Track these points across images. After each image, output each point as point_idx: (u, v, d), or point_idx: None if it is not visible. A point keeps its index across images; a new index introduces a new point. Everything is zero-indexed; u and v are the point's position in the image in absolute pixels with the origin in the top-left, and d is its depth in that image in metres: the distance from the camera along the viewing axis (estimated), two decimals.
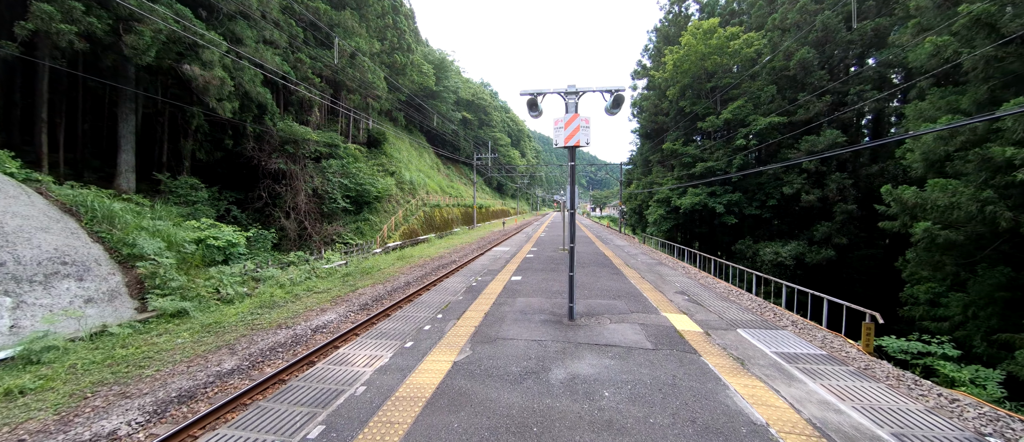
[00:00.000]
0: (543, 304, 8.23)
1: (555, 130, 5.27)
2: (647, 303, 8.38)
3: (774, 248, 21.41)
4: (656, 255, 17.48)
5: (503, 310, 7.78)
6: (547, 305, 8.14)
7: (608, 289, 9.87)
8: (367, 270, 18.18)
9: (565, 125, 5.11)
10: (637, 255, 16.34)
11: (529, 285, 10.18)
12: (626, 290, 9.78)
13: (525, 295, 9.14)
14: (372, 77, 30.18)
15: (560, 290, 9.61)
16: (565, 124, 5.11)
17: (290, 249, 23.86)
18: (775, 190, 22.20)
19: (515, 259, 14.58)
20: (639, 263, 14.28)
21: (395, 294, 13.28)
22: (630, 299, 8.74)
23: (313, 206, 24.63)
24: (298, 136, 23.06)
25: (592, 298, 8.85)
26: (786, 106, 22.21)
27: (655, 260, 15.15)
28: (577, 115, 5.14)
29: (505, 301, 8.53)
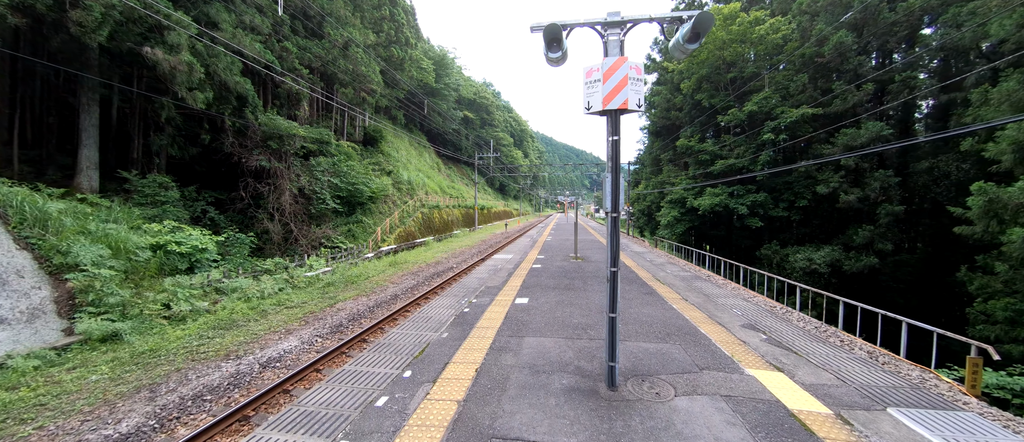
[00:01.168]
0: (563, 351, 5.87)
1: (587, 86, 3.30)
2: (714, 349, 6.04)
3: (806, 254, 19.28)
4: (684, 264, 15.35)
5: (504, 364, 5.44)
6: (569, 354, 5.76)
7: (649, 320, 7.47)
8: (353, 279, 16.21)
9: (604, 76, 3.12)
10: (664, 265, 14.24)
11: (539, 313, 7.91)
12: (674, 323, 7.42)
13: (535, 332, 6.82)
14: (366, 70, 28.29)
15: (584, 323, 7.22)
16: (604, 74, 3.12)
17: (274, 253, 22.00)
18: (805, 190, 20.10)
19: (519, 271, 12.44)
20: (670, 276, 12.15)
21: (377, 311, 11.29)
22: (687, 341, 6.40)
23: (300, 207, 22.72)
24: (282, 131, 21.15)
25: (632, 339, 6.51)
26: (818, 97, 20.10)
27: (688, 272, 13.02)
28: (623, 59, 3.15)
29: (507, 343, 6.25)
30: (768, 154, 20.32)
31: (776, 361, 5.66)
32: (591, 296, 9.26)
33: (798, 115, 19.01)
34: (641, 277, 11.95)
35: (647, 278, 11.89)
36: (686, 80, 28.14)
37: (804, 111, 18.90)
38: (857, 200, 17.77)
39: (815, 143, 19.76)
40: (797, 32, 20.53)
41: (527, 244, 22.04)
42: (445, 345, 6.26)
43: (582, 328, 7.10)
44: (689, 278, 11.84)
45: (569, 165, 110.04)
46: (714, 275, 12.37)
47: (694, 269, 13.54)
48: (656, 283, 11.17)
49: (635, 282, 11.05)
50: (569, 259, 15.07)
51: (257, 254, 21.88)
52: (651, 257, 16.27)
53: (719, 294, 9.71)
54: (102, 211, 14.26)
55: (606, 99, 3.31)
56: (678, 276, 12.12)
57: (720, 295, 9.60)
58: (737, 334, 6.83)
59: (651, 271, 13.00)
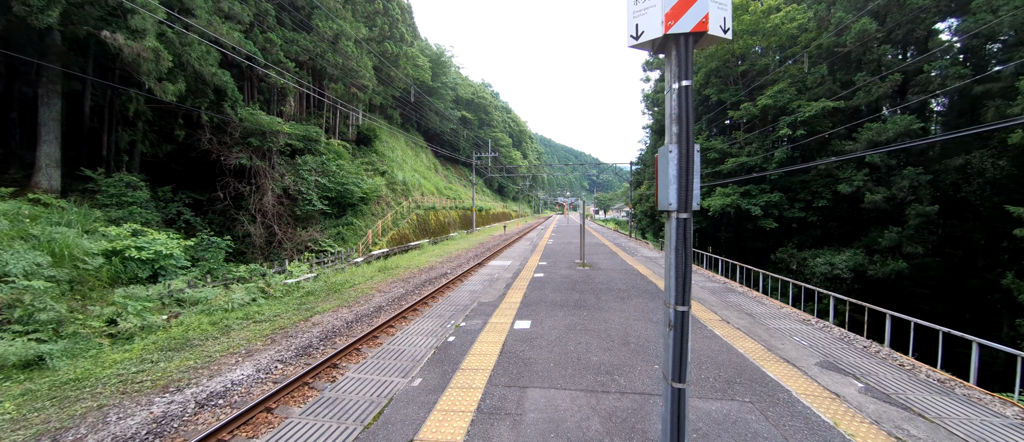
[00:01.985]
0: (585, 418, 4.06)
1: (634, 2, 2.01)
2: (802, 409, 4.30)
3: (827, 258, 17.94)
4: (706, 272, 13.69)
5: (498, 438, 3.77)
6: (595, 424, 3.93)
7: (696, 358, 5.73)
8: (336, 287, 14.80)
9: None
10: None
11: (546, 344, 6.10)
12: (729, 361, 5.60)
13: (542, 377, 5.01)
14: (357, 65, 26.92)
15: (609, 364, 5.34)
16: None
17: (256, 258, 20.59)
18: (824, 189, 18.79)
19: (519, 281, 10.76)
20: (696, 289, 10.46)
21: (355, 327, 9.88)
22: (757, 393, 4.65)
23: (284, 209, 21.31)
24: (265, 127, 19.76)
25: None
26: (838, 90, 18.81)
27: (715, 283, 11.36)
28: None
29: (502, 400, 4.47)
30: (784, 151, 19.00)
31: (903, 434, 3.97)
32: (610, 317, 7.57)
33: (818, 109, 17.68)
34: (658, 285, 10.36)
35: (663, 285, 10.28)
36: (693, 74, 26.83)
37: (824, 104, 17.58)
38: (883, 200, 16.45)
39: (834, 139, 18.48)
40: (814, 21, 19.28)
41: (527, 248, 20.64)
42: (414, 403, 4.47)
43: (607, 372, 5.21)
44: (720, 291, 10.32)
45: (568, 165, 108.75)
46: (748, 288, 10.79)
47: (721, 280, 12.05)
48: None
49: (658, 297, 9.34)
50: (575, 266, 13.49)
51: (238, 259, 20.47)
52: (662, 262, 14.71)
53: (765, 314, 8.19)
54: (54, 213, 12.84)
55: (671, 16, 1.97)
56: (705, 288, 10.54)
57: (766, 315, 8.09)
58: (819, 379, 5.14)
59: None
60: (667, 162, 2.06)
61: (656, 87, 36.94)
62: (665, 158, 2.09)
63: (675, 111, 2.06)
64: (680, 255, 2.07)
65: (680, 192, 2.02)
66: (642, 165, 47.75)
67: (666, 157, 2.08)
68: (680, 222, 2.07)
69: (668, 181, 2.04)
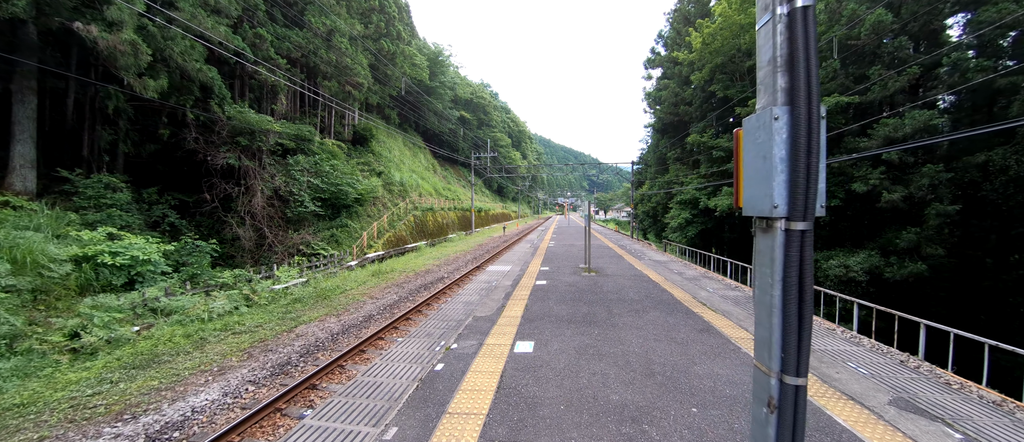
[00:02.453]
0: None
1: None
2: None
3: (840, 260, 17.16)
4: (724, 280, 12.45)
5: None
6: None
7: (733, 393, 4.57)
8: (326, 293, 14.01)
9: None
10: (699, 279, 11.29)
11: (553, 376, 5.06)
12: None
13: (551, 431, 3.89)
14: (352, 62, 26.15)
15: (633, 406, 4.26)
16: None
17: (246, 262, 19.82)
18: (837, 188, 18.03)
19: (519, 290, 9.85)
20: (717, 298, 9.20)
21: (341, 340, 9.09)
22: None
23: (274, 210, 20.51)
24: (253, 126, 18.97)
25: None
26: (850, 85, 18.06)
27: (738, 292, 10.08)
28: None
29: None
30: None
31: None
32: (626, 336, 6.42)
33: (831, 104, 16.92)
34: (680, 300, 9.09)
35: (689, 302, 8.96)
36: (697, 71, 26.09)
37: (838, 100, 16.82)
38: (901, 199, 15.70)
39: (847, 136, 17.74)
40: (825, 13, 18.55)
41: (527, 251, 19.81)
42: None
43: (633, 419, 4.06)
44: (742, 300, 9.15)
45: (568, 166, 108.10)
46: None
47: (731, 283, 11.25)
48: (704, 309, 8.24)
49: (676, 309, 8.26)
50: (580, 272, 12.49)
51: (227, 263, 19.70)
52: (678, 268, 13.57)
53: None
54: (24, 216, 12.03)
55: None
56: (728, 298, 9.36)
57: None
58: (901, 426, 3.98)
59: (688, 289, 10.04)
60: (769, 136, 1.27)
61: (658, 85, 36.18)
62: (763, 130, 1.30)
63: (784, 52, 1.26)
64: (790, 292, 1.24)
65: (794, 185, 1.21)
66: (643, 165, 47.00)
67: (766, 128, 1.29)
68: (792, 238, 1.24)
69: (770, 167, 1.25)
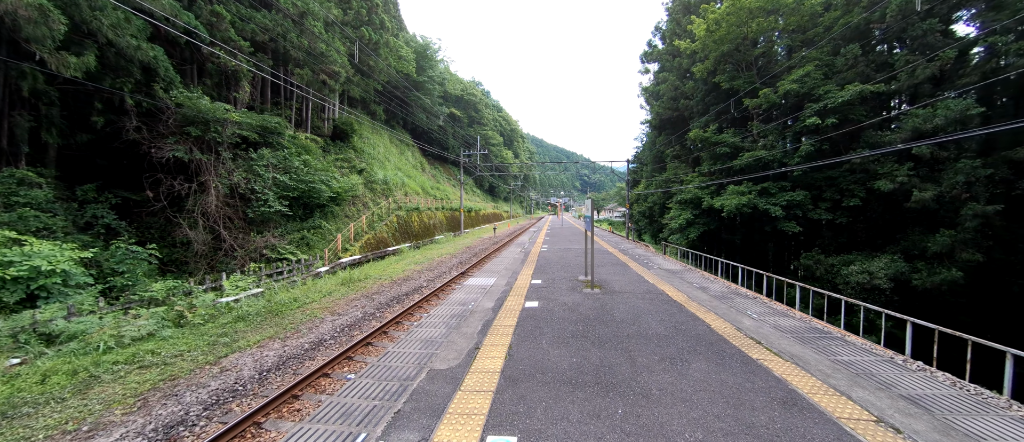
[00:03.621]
0: None
1: None
2: None
3: (862, 265, 15.54)
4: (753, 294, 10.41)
5: None
6: None
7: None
8: (280, 308, 11.93)
9: None
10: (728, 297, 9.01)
11: None
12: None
13: None
14: (327, 49, 23.94)
15: None
16: None
17: (199, 269, 17.60)
18: (856, 186, 16.43)
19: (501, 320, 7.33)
20: (778, 337, 6.57)
21: (271, 379, 7.05)
22: None
23: (233, 210, 18.29)
24: (207, 114, 16.75)
25: None
26: (871, 73, 16.44)
27: (802, 323, 7.48)
28: None
29: None
30: (810, 143, 16.59)
31: None
32: (670, 421, 4.04)
33: (854, 93, 15.25)
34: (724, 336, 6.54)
35: (738, 339, 6.40)
36: (699, 63, 24.39)
37: (862, 89, 15.15)
38: (932, 199, 14.11)
39: (868, 130, 16.15)
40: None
41: (517, 256, 17.77)
42: None
43: None
44: (804, 332, 6.84)
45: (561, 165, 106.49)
46: (831, 326, 7.58)
47: (797, 315, 9.05)
48: (767, 355, 5.76)
49: (727, 355, 5.74)
50: (580, 288, 9.86)
51: (179, 270, 17.48)
52: (696, 279, 11.01)
53: (879, 366, 5.49)
54: None
55: None
56: (786, 331, 6.90)
57: (882, 368, 5.40)
58: None
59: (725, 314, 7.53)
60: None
61: (656, 79, 34.52)
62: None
63: None
64: None
65: None
66: (639, 163, 45.41)
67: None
68: None
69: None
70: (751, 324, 7.17)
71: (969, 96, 17.08)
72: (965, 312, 16.96)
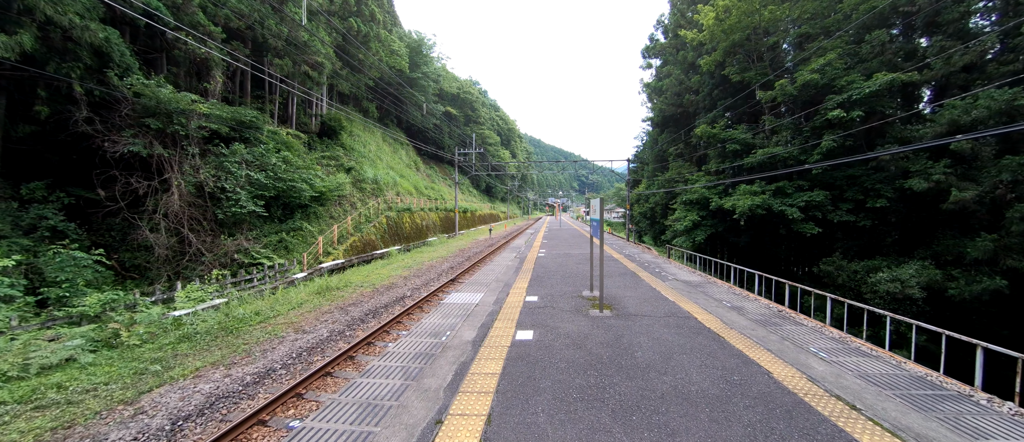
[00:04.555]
0: None
1: None
2: None
3: (892, 272, 14.11)
4: (810, 324, 8.90)
5: None
6: None
7: None
8: (237, 323, 10.39)
9: None
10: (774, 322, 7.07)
11: None
12: None
13: None
14: (309, 38, 22.36)
15: None
16: None
17: (161, 275, 16.04)
18: (883, 185, 15.03)
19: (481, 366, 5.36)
20: (888, 402, 4.34)
21: (185, 434, 5.49)
22: None
23: (200, 211, 16.69)
24: (170, 105, 15.16)
25: None
26: (900, 62, 15.03)
27: (901, 370, 5.39)
28: None
29: None
30: (832, 139, 15.17)
31: None
32: None
33: (884, 82, 13.81)
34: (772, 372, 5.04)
35: (796, 383, 4.80)
36: (707, 55, 22.95)
37: (893, 78, 13.71)
38: (974, 199, 12.70)
39: (894, 124, 14.76)
40: None
41: (511, 263, 16.03)
42: None
43: None
44: (909, 387, 4.86)
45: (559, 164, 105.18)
46: (947, 379, 5.35)
47: (885, 356, 7.43)
48: (832, 405, 4.36)
49: (792, 413, 4.16)
50: (585, 307, 7.88)
51: (141, 276, 15.91)
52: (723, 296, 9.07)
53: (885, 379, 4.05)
54: None
55: None
56: (864, 376, 5.09)
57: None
58: None
59: (784, 353, 5.61)
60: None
61: (658, 74, 33.09)
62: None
63: None
64: None
65: None
66: (639, 163, 43.99)
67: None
68: None
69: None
70: (826, 371, 5.13)
71: None
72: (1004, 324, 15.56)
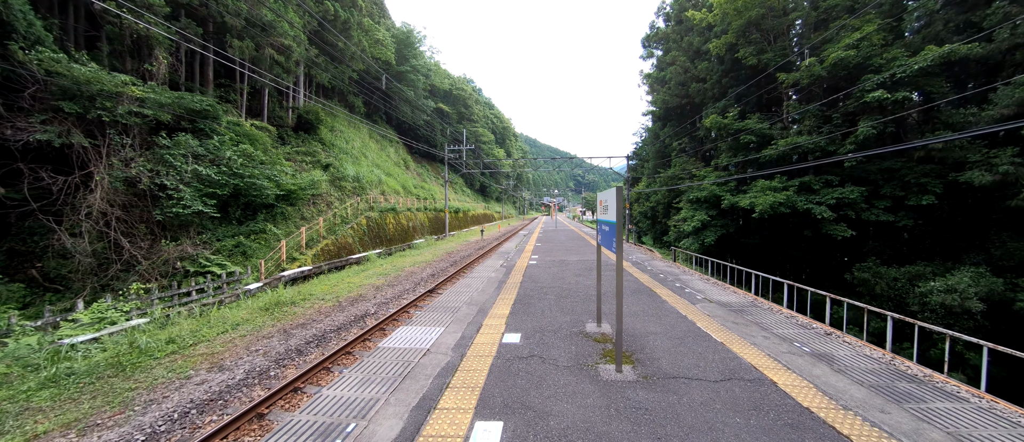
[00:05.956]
0: None
1: None
2: None
3: (945, 281, 11.98)
4: (932, 378, 7.42)
5: None
6: None
7: None
8: (137, 357, 8.09)
9: None
10: (908, 390, 4.42)
11: None
12: None
13: None
14: (274, 18, 19.96)
15: None
16: None
17: (85, 287, 13.64)
18: (930, 178, 12.94)
19: None
20: None
21: None
22: None
23: (135, 212, 14.29)
24: (91, 85, 12.74)
25: None
26: (950, 37, 12.93)
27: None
28: None
29: None
30: (871, 124, 13.03)
31: None
32: None
33: (937, 56, 11.64)
34: None
35: None
36: (716, 38, 20.78)
37: (950, 50, 11.54)
38: None
39: (943, 108, 12.68)
40: None
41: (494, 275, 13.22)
42: None
43: None
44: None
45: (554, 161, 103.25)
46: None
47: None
48: None
49: None
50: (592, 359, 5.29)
51: (62, 288, 13.52)
52: (790, 332, 6.53)
53: None
54: None
55: None
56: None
57: None
58: None
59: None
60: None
61: (660, 64, 30.93)
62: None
63: None
64: None
65: None
66: (638, 160, 41.86)
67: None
68: None
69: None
70: None
71: None
72: None
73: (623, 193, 4.37)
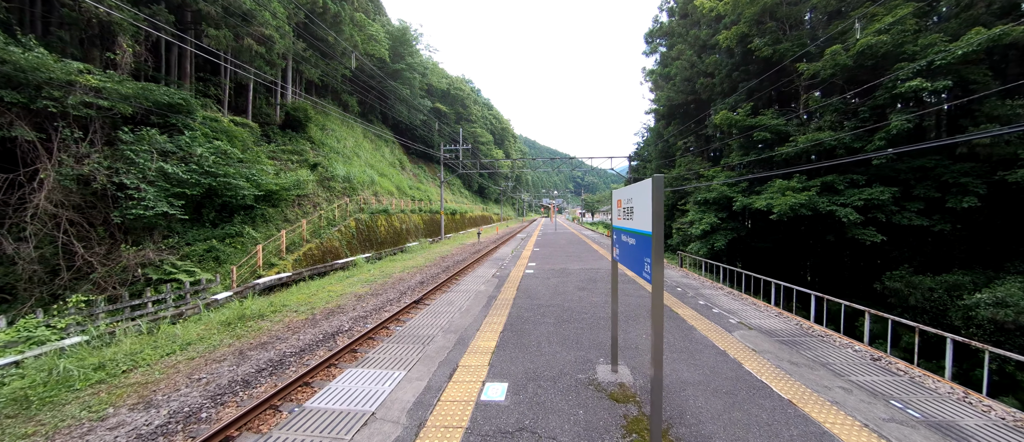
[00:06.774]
0: None
1: None
2: None
3: (992, 293, 10.67)
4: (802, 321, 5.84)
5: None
6: None
7: None
8: (51, 391, 6.70)
9: None
10: None
11: None
12: None
13: None
14: (254, 6, 18.65)
15: None
16: None
17: (32, 297, 12.30)
18: (971, 178, 11.65)
19: None
20: None
21: None
22: None
23: (90, 213, 12.93)
24: (38, 72, 11.41)
25: None
26: (990, 18, 11.65)
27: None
28: None
29: None
30: (905, 118, 11.77)
31: None
32: None
33: (986, 39, 10.33)
34: None
35: None
36: (726, 29, 19.51)
37: (1002, 31, 10.24)
38: None
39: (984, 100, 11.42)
40: None
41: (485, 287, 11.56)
42: None
43: None
44: None
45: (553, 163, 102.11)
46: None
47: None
48: None
49: None
50: (606, 431, 3.65)
51: (11, 300, 12.18)
52: (844, 364, 5.14)
53: None
54: None
55: None
56: None
57: None
58: None
59: None
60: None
61: (663, 59, 29.65)
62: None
63: None
64: None
65: None
66: (640, 160, 40.54)
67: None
68: None
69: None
70: None
71: None
72: None
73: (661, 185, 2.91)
